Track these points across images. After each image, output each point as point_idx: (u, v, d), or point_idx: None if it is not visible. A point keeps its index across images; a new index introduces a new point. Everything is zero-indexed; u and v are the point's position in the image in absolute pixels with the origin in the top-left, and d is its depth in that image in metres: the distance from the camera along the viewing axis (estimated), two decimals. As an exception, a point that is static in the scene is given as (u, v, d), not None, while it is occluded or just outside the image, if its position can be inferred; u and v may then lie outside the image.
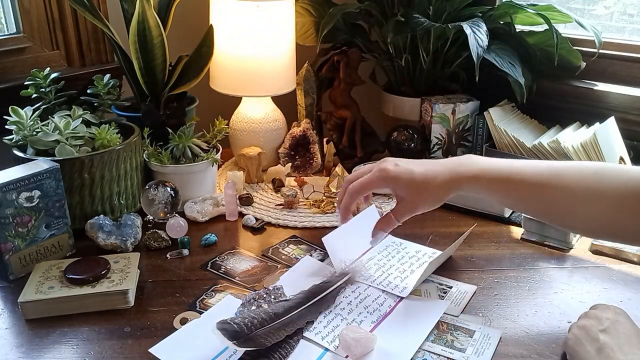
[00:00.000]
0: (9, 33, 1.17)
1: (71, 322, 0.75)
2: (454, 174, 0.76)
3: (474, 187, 0.76)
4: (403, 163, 0.78)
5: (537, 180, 0.73)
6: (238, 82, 1.17)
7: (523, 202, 0.76)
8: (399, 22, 1.13)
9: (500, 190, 0.75)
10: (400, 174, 0.77)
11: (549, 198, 0.72)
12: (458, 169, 0.76)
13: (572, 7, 1.31)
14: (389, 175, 0.77)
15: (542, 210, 0.75)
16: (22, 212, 0.84)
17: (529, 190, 0.73)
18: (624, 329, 0.63)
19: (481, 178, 0.75)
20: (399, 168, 0.78)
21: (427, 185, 0.76)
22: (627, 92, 1.15)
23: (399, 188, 0.78)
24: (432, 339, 0.72)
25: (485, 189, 0.75)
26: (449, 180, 0.76)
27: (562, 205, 0.72)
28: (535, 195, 0.73)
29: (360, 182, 0.80)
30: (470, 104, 1.21)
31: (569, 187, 0.71)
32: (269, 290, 0.76)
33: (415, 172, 0.77)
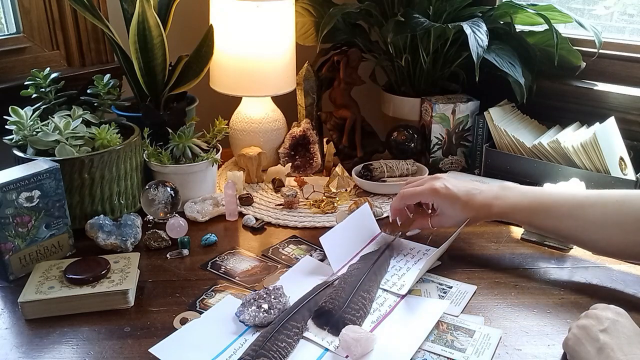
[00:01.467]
0: (9, 33, 1.17)
1: (71, 322, 0.75)
2: (487, 208, 0.87)
3: (507, 218, 0.89)
4: (451, 185, 0.89)
5: (559, 213, 0.83)
6: (238, 82, 1.17)
7: (549, 232, 0.87)
8: (399, 22, 1.13)
9: (527, 222, 0.88)
10: (447, 195, 0.88)
11: (571, 229, 0.82)
12: (494, 202, 0.87)
13: (572, 7, 1.31)
14: (438, 194, 0.89)
15: (567, 237, 0.86)
16: (22, 212, 0.84)
17: (552, 221, 0.83)
18: (624, 329, 0.63)
19: (509, 214, 0.87)
20: (446, 190, 0.88)
21: (466, 212, 0.88)
22: (627, 92, 1.15)
23: (443, 206, 0.89)
24: (432, 338, 0.72)
25: (516, 220, 0.90)
26: (485, 214, 0.88)
27: (583, 235, 0.82)
28: (558, 225, 0.83)
29: (411, 191, 0.91)
30: (470, 104, 1.21)
31: (588, 220, 0.81)
32: (269, 290, 0.76)
33: (460, 198, 0.88)
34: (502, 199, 0.87)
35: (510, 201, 0.86)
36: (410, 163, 1.17)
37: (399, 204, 0.94)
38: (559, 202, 0.83)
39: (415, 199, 0.93)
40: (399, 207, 0.94)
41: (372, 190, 1.14)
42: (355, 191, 1.15)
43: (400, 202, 0.93)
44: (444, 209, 0.89)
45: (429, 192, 0.90)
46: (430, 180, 0.92)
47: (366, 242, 0.94)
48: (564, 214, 0.82)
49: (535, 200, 0.85)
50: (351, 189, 1.15)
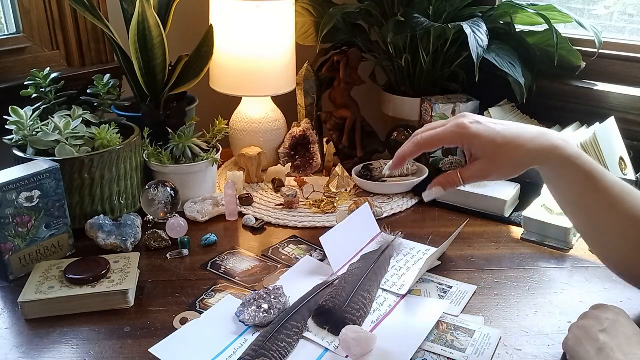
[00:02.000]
0: (9, 33, 1.17)
1: (71, 322, 0.75)
2: (548, 147, 0.68)
3: (559, 169, 0.69)
4: (484, 120, 0.70)
5: (617, 194, 0.68)
6: (238, 82, 1.17)
7: (588, 210, 0.71)
8: (399, 22, 1.13)
9: (578, 185, 0.69)
10: (482, 132, 0.68)
11: (614, 218, 0.69)
12: (555, 141, 0.68)
13: (572, 7, 1.31)
14: (468, 132, 0.68)
15: (596, 228, 0.72)
16: (22, 212, 0.84)
17: (602, 199, 0.69)
18: (624, 329, 0.63)
19: (573, 163, 0.68)
20: (480, 126, 0.68)
21: (512, 149, 0.68)
22: (627, 92, 1.15)
23: (477, 147, 0.69)
24: (432, 339, 0.72)
25: (569, 177, 0.69)
26: (538, 151, 0.68)
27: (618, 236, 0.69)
28: (605, 207, 0.69)
29: (430, 135, 0.70)
30: (470, 104, 1.21)
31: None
32: (269, 290, 0.76)
33: (500, 133, 0.68)
34: (564, 142, 0.68)
35: (575, 148, 0.69)
36: (410, 163, 1.17)
37: (411, 151, 0.71)
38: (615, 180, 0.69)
39: (435, 145, 0.72)
40: (410, 155, 0.72)
41: (372, 190, 1.14)
42: (355, 191, 1.15)
43: (414, 148, 0.71)
44: (479, 151, 0.68)
45: (455, 133, 0.69)
46: (454, 118, 0.71)
47: (366, 242, 0.94)
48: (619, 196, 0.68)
49: (594, 165, 0.69)
50: (351, 189, 1.15)
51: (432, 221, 1.02)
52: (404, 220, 1.05)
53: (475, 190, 1.06)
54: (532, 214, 0.98)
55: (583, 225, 0.74)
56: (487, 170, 0.69)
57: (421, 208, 1.10)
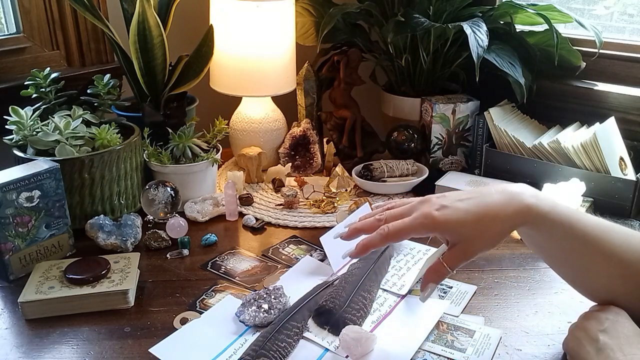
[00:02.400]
0: (9, 33, 1.17)
1: (71, 322, 0.75)
2: (522, 209, 0.65)
3: (537, 227, 0.66)
4: (449, 201, 0.66)
5: (595, 236, 0.66)
6: (238, 82, 1.17)
7: (568, 256, 0.68)
8: (399, 22, 1.13)
9: (556, 236, 0.67)
10: (450, 217, 0.64)
11: (596, 260, 0.66)
12: (526, 200, 0.65)
13: (572, 7, 1.31)
14: (436, 222, 0.64)
15: (580, 273, 0.70)
16: (22, 212, 0.84)
17: (581, 245, 0.66)
18: (624, 329, 0.63)
19: (550, 219, 0.65)
20: (447, 210, 0.65)
21: (487, 224, 0.65)
22: (627, 92, 1.15)
23: (451, 234, 0.66)
24: (432, 339, 0.72)
25: (547, 232, 0.67)
26: (514, 216, 0.65)
27: (602, 275, 0.67)
28: (586, 252, 0.66)
29: (398, 227, 0.66)
30: (470, 104, 1.21)
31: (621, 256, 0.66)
32: (269, 290, 0.76)
33: (469, 212, 0.65)
34: (536, 199, 0.66)
35: (548, 201, 0.66)
36: (411, 163, 1.17)
37: (378, 242, 0.66)
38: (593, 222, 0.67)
39: (403, 238, 0.67)
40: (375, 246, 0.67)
41: (372, 190, 1.14)
42: (355, 191, 1.15)
43: (380, 240, 0.66)
44: (454, 237, 0.66)
45: (423, 225, 0.65)
46: (419, 206, 0.67)
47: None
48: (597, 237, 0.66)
49: (573, 216, 0.67)
50: (351, 189, 1.15)
51: (432, 221, 1.02)
52: (404, 220, 1.05)
53: (475, 190, 1.06)
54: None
55: (570, 274, 0.72)
56: (468, 251, 0.66)
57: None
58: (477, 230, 0.65)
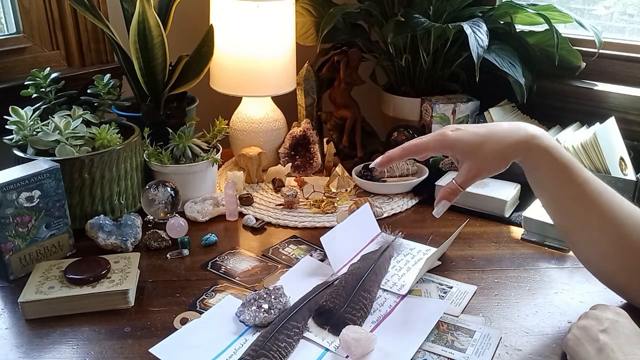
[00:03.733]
0: (9, 33, 1.17)
1: (71, 322, 0.75)
2: (526, 137, 0.72)
3: (538, 159, 0.72)
4: (464, 126, 0.75)
5: (594, 187, 0.70)
6: (238, 82, 1.17)
7: (566, 202, 0.73)
8: (399, 22, 1.13)
9: (556, 176, 0.72)
10: (461, 136, 0.73)
11: (591, 211, 0.70)
12: (531, 131, 0.72)
13: (572, 7, 1.31)
14: (448, 139, 0.74)
15: (574, 222, 0.73)
16: (22, 212, 0.83)
17: (579, 191, 0.71)
18: (624, 329, 0.63)
19: (551, 153, 0.71)
20: (460, 131, 0.74)
21: (492, 144, 0.72)
22: (627, 92, 1.15)
23: (460, 152, 0.74)
24: (432, 339, 0.72)
25: (547, 167, 0.72)
26: (517, 142, 0.72)
27: (596, 229, 0.71)
28: (583, 200, 0.71)
29: (416, 142, 0.76)
30: (470, 104, 1.21)
31: (615, 214, 0.69)
32: (269, 290, 0.76)
33: (478, 133, 0.73)
34: (540, 134, 0.72)
35: (552, 140, 0.73)
36: (411, 163, 1.17)
37: (397, 155, 0.77)
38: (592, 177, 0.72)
39: (419, 152, 0.77)
40: (396, 159, 0.77)
41: (372, 190, 1.14)
42: (355, 191, 1.15)
43: (400, 152, 0.77)
44: (463, 155, 0.74)
45: (437, 141, 0.74)
46: (437, 131, 0.77)
47: (366, 242, 0.94)
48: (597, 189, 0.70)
49: (574, 162, 0.72)
50: (351, 189, 1.15)
51: (432, 221, 1.02)
52: (404, 220, 1.05)
53: (476, 190, 1.06)
54: (532, 214, 0.98)
55: (562, 220, 0.76)
56: (475, 169, 0.73)
57: (421, 208, 1.10)
58: (483, 148, 0.72)
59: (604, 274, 0.75)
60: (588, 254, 0.75)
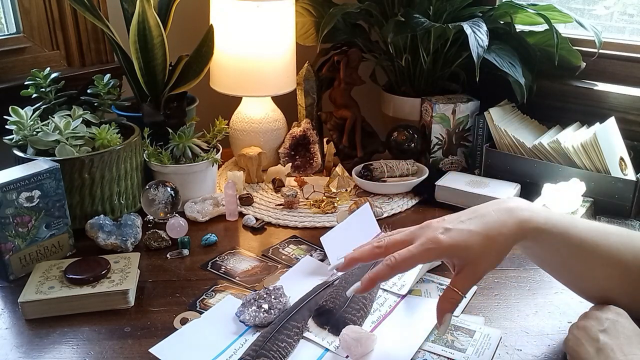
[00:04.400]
0: (9, 33, 1.17)
1: (71, 322, 0.75)
2: (518, 224, 0.66)
3: (534, 240, 0.67)
4: (451, 224, 0.66)
5: (593, 242, 0.67)
6: (238, 82, 1.17)
7: (567, 264, 0.70)
8: (399, 22, 1.13)
9: (553, 248, 0.68)
10: (457, 240, 0.64)
11: (595, 265, 0.68)
12: (519, 215, 0.66)
13: (572, 7, 1.31)
14: (442, 246, 0.64)
15: (580, 279, 0.71)
16: (22, 212, 0.83)
17: (579, 252, 0.67)
18: (624, 330, 0.63)
19: (546, 231, 0.67)
20: (452, 232, 0.65)
21: (490, 244, 0.65)
22: (627, 92, 1.15)
23: (458, 257, 0.66)
24: (432, 339, 0.72)
25: (545, 243, 0.68)
26: (513, 233, 0.66)
27: (601, 279, 0.68)
28: (584, 258, 0.68)
29: (405, 256, 0.64)
30: (470, 104, 1.21)
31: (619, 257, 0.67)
32: (269, 290, 0.76)
33: (472, 232, 0.65)
34: (530, 212, 0.67)
35: (542, 213, 0.68)
36: (411, 163, 1.17)
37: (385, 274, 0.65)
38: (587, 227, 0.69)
39: (410, 267, 0.66)
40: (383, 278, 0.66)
41: (373, 190, 1.14)
42: (355, 191, 1.15)
43: (387, 272, 0.65)
44: (461, 260, 0.65)
45: (431, 251, 0.65)
46: (423, 232, 0.66)
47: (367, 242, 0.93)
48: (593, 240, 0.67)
49: (567, 225, 0.68)
50: (351, 189, 1.15)
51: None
52: (404, 220, 1.05)
53: (475, 190, 1.06)
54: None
55: (568, 279, 0.74)
56: (477, 272, 0.66)
57: (421, 208, 1.10)
58: (483, 249, 0.65)
59: (603, 300, 0.71)
60: (600, 298, 0.71)
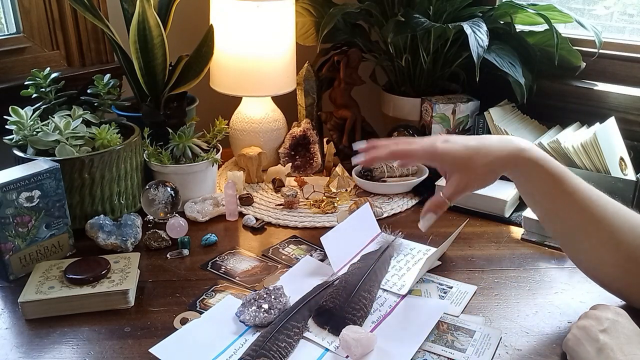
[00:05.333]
0: (9, 33, 1.17)
1: (71, 322, 0.75)
2: (515, 151, 0.72)
3: (528, 172, 0.72)
4: (453, 139, 0.74)
5: (587, 195, 0.70)
6: (238, 82, 1.17)
7: (560, 212, 0.73)
8: (399, 22, 1.13)
9: (547, 187, 0.72)
10: (450, 149, 0.72)
11: (586, 220, 0.70)
12: (521, 145, 0.72)
13: (572, 7, 1.31)
14: (437, 151, 0.73)
15: (570, 232, 0.73)
16: (22, 212, 0.83)
17: (572, 201, 0.70)
18: (624, 329, 0.63)
19: (541, 166, 0.71)
20: (449, 144, 0.73)
21: (481, 157, 0.72)
22: (627, 92, 1.15)
23: (449, 164, 0.73)
24: (432, 339, 0.72)
25: (538, 179, 0.72)
26: (506, 156, 0.72)
27: (592, 237, 0.71)
28: (576, 210, 0.70)
29: (404, 147, 0.75)
30: (470, 104, 1.21)
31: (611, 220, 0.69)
32: (269, 290, 0.76)
33: (466, 145, 0.73)
34: (529, 147, 0.72)
35: (542, 152, 0.72)
36: (411, 163, 1.17)
37: (384, 156, 0.76)
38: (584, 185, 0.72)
39: (406, 159, 0.76)
40: (381, 159, 0.77)
41: (373, 190, 1.14)
42: (355, 191, 1.15)
43: (386, 155, 0.75)
44: (452, 167, 0.73)
45: (426, 152, 0.74)
46: (427, 139, 0.76)
47: (366, 242, 0.94)
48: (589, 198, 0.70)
49: (562, 168, 0.72)
50: (351, 189, 1.15)
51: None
52: (404, 220, 1.05)
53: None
54: (532, 214, 0.98)
55: (558, 230, 0.76)
56: (463, 182, 0.73)
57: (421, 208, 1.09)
58: (472, 162, 0.72)
59: (604, 279, 0.75)
60: (586, 261, 0.75)
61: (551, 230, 0.77)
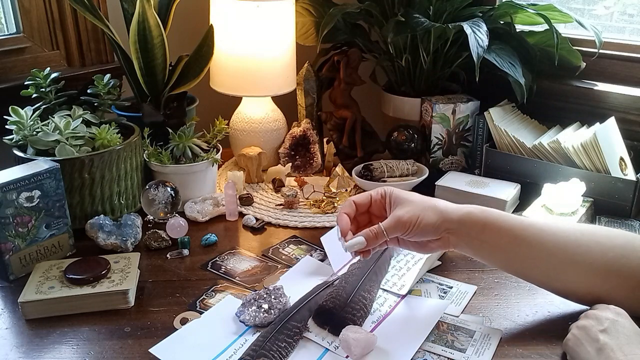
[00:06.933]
0: (9, 33, 1.17)
1: (71, 322, 0.75)
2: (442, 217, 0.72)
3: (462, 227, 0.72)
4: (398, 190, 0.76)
5: (514, 234, 0.71)
6: (238, 82, 1.17)
7: (499, 255, 0.73)
8: (399, 22, 1.13)
9: (478, 238, 0.72)
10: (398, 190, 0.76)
11: (524, 255, 0.72)
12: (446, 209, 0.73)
13: (572, 7, 1.31)
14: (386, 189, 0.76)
15: (518, 267, 0.74)
16: (22, 212, 0.84)
17: (505, 242, 0.71)
18: (624, 329, 0.63)
19: (465, 221, 0.72)
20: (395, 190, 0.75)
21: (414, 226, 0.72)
22: (627, 92, 1.15)
23: (396, 197, 0.75)
24: (432, 339, 0.72)
25: (466, 234, 0.72)
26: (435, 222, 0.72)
27: (539, 266, 0.72)
28: (512, 248, 0.72)
29: (359, 197, 0.76)
30: (470, 104, 1.21)
31: (545, 247, 0.71)
32: (269, 290, 0.76)
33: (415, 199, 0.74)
34: (456, 206, 0.74)
35: (465, 208, 0.73)
36: (411, 163, 1.17)
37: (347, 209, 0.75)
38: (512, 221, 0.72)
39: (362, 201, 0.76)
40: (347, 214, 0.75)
41: (372, 190, 1.14)
42: (355, 191, 1.15)
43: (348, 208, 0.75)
44: (400, 201, 0.74)
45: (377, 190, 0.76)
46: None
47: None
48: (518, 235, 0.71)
49: (492, 214, 0.73)
50: (351, 189, 1.15)
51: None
52: (404, 220, 1.04)
53: (475, 190, 1.06)
54: (532, 214, 0.98)
55: (513, 270, 0.76)
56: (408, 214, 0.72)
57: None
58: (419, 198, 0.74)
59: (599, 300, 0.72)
60: (574, 291, 0.73)
61: (507, 270, 0.77)
